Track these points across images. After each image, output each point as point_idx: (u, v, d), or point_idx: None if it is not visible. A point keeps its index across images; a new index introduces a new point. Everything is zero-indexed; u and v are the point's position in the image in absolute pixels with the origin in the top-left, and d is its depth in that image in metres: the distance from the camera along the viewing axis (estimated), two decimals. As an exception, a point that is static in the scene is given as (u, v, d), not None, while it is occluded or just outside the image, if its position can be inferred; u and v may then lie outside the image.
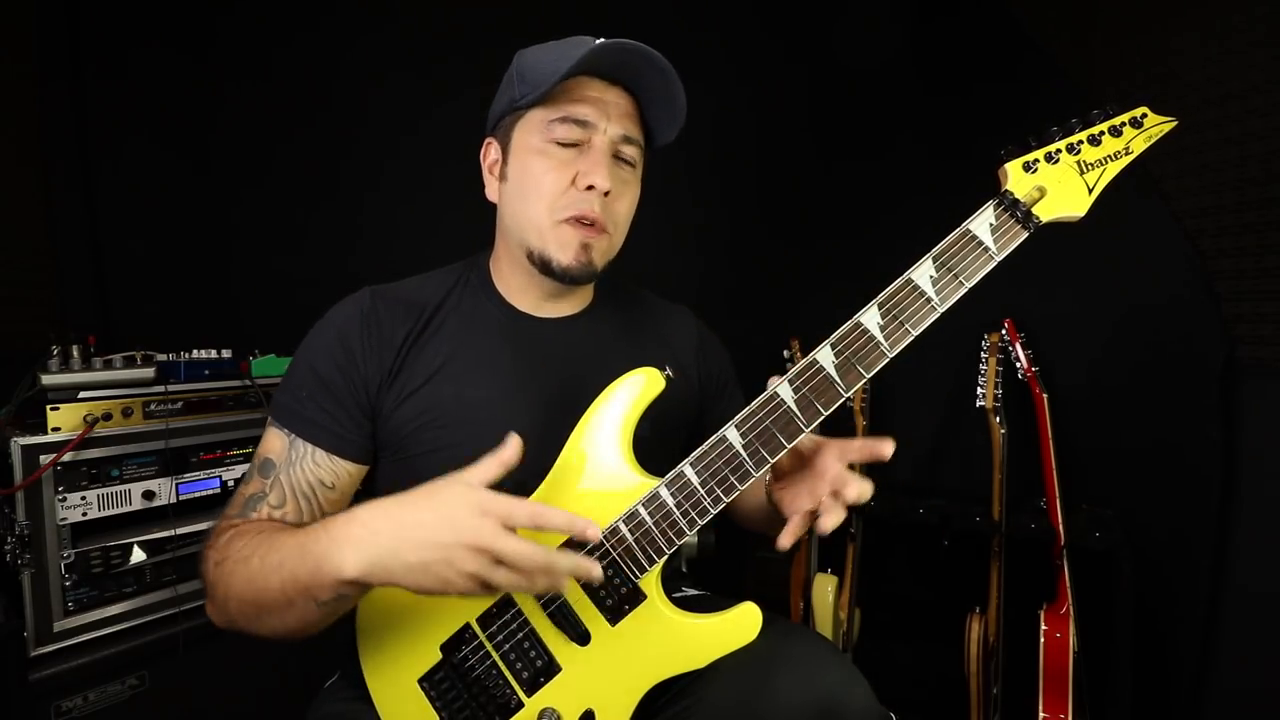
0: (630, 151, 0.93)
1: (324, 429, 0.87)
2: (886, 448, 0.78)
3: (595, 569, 0.71)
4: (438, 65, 1.92)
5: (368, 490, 0.94)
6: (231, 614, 0.78)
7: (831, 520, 0.77)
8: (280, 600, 0.72)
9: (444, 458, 0.87)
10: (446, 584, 0.67)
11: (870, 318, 0.79)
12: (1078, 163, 0.82)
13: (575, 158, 0.90)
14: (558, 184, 0.89)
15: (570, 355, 0.97)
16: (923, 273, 0.79)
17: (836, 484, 0.79)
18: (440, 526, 0.67)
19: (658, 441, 0.90)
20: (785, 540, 0.81)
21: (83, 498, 1.23)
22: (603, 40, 0.85)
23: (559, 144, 0.90)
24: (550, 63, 0.87)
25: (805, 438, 0.81)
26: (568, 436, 0.85)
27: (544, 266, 0.91)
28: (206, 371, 1.42)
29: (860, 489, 0.78)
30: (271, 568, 0.73)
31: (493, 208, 1.00)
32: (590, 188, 0.88)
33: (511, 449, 0.71)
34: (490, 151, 0.98)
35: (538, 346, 0.96)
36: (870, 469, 0.86)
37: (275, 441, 0.88)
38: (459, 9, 1.97)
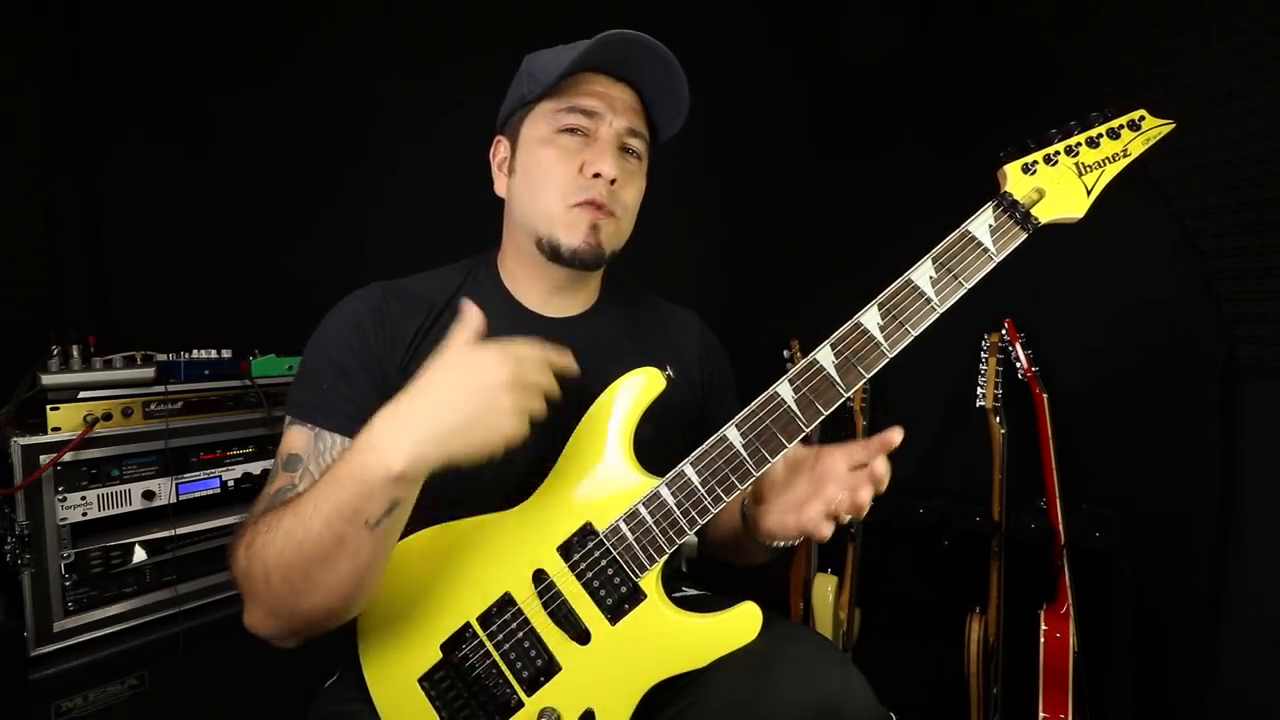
0: (635, 144, 0.96)
1: (349, 416, 0.85)
2: (894, 434, 0.78)
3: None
4: (442, 66, 1.92)
5: None
6: (275, 594, 0.73)
7: (866, 496, 0.77)
8: (328, 542, 0.70)
9: None
10: (496, 430, 0.71)
11: (870, 318, 0.79)
12: (1076, 165, 0.82)
13: (582, 147, 0.92)
14: (567, 172, 0.91)
15: (574, 354, 0.97)
16: (922, 273, 0.79)
17: (853, 482, 0.78)
18: (471, 380, 0.72)
19: (660, 445, 0.89)
20: (827, 530, 0.79)
21: (83, 498, 1.23)
22: (608, 32, 0.87)
23: (567, 133, 0.92)
24: (558, 59, 0.90)
25: (800, 449, 0.82)
26: (570, 435, 0.85)
27: (553, 253, 0.93)
28: (206, 371, 1.42)
29: (884, 469, 0.78)
30: (308, 513, 0.70)
31: (499, 205, 1.01)
32: (597, 175, 0.90)
33: (471, 314, 0.76)
34: (499, 149, 1.01)
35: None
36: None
37: (298, 438, 0.86)
38: (464, 11, 1.97)
